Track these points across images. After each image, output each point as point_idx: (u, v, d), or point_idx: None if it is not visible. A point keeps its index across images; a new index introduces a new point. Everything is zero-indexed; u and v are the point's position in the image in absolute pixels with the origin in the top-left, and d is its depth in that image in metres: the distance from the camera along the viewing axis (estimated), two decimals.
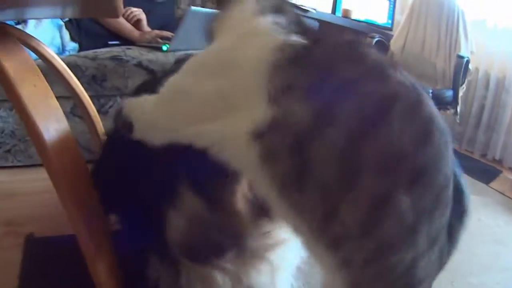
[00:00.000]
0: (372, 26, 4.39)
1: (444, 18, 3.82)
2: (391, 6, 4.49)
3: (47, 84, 0.87)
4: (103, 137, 1.42)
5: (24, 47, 1.06)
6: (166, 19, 3.25)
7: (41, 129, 0.80)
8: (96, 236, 0.89)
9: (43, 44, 1.54)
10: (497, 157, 4.16)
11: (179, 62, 1.08)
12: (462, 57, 3.51)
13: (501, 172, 3.95)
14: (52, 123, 0.83)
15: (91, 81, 2.31)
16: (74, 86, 1.65)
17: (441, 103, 3.52)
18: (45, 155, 0.79)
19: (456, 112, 3.63)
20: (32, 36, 1.51)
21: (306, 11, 3.50)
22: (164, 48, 2.57)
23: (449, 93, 3.54)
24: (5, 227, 1.90)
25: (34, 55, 1.67)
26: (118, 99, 2.37)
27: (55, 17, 2.30)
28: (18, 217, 1.98)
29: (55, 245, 1.74)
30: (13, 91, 0.81)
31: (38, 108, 0.82)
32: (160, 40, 2.82)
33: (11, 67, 0.82)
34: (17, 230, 1.88)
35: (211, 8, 3.37)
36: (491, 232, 2.61)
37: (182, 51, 2.57)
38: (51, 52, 1.56)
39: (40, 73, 0.90)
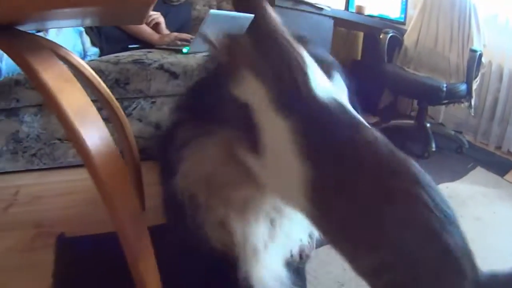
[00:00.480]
0: (385, 21, 4.42)
1: (456, 12, 3.85)
2: (404, 0, 4.51)
3: (85, 92, 0.92)
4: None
5: None
6: (183, 21, 3.29)
7: (84, 137, 0.84)
8: (140, 236, 0.93)
9: (71, 52, 1.58)
10: (511, 149, 4.18)
11: None
12: (475, 51, 3.53)
13: None
14: (93, 130, 0.88)
15: (114, 84, 2.35)
16: (103, 91, 1.69)
17: (455, 97, 3.56)
18: (89, 161, 0.84)
19: (470, 105, 3.65)
20: (60, 46, 1.55)
21: (321, 9, 3.52)
22: (185, 50, 2.61)
23: (463, 87, 3.55)
24: (36, 229, 1.95)
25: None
26: (142, 101, 2.41)
27: (77, 26, 2.35)
28: (47, 219, 2.03)
29: (85, 245, 1.79)
30: (55, 102, 0.85)
31: (80, 117, 0.86)
32: (179, 42, 2.86)
33: (50, 79, 0.87)
34: (47, 231, 1.93)
35: (226, 9, 3.41)
36: (507, 224, 2.62)
37: (202, 52, 2.61)
38: (79, 60, 1.60)
39: (77, 82, 0.94)
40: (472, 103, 3.64)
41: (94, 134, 0.86)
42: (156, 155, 1.60)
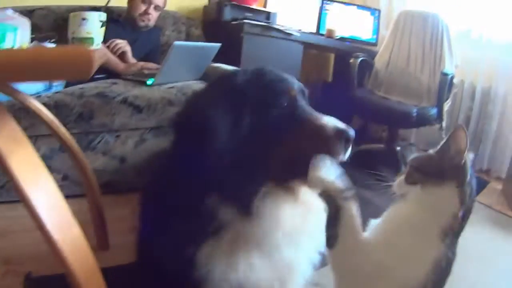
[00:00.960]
0: (357, 43, 4.49)
1: (428, 33, 3.92)
2: (376, 21, 4.60)
3: (35, 153, 0.93)
4: None
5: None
6: (152, 47, 3.30)
7: (34, 202, 0.85)
8: None
9: (30, 97, 1.59)
10: (484, 168, 4.26)
11: None
12: (446, 74, 3.58)
13: (488, 182, 4.04)
14: (44, 195, 0.88)
15: (78, 119, 2.34)
16: (56, 128, 1.70)
17: (426, 121, 3.61)
18: (40, 224, 0.85)
19: (441, 127, 3.70)
20: (20, 91, 1.56)
21: (290, 34, 3.56)
22: (149, 82, 2.60)
23: (434, 110, 3.60)
24: (4, 266, 1.92)
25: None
26: (106, 135, 2.41)
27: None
28: (16, 256, 2.00)
29: (53, 285, 1.78)
30: (4, 165, 0.86)
31: (30, 181, 0.87)
32: (146, 72, 2.85)
33: (0, 141, 0.87)
34: (16, 269, 1.90)
35: (194, 38, 3.43)
36: (474, 250, 2.58)
37: (167, 84, 2.62)
38: (37, 105, 1.61)
39: (28, 142, 0.95)
40: (443, 125, 3.69)
41: (44, 198, 0.87)
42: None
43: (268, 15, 3.77)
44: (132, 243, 1.57)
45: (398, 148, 3.83)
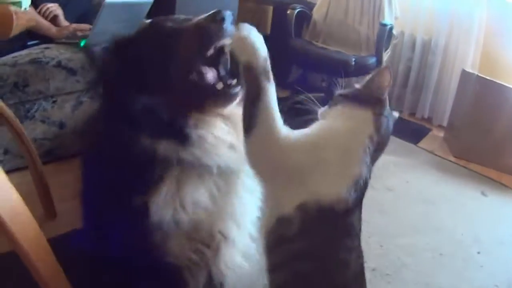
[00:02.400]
0: None
1: None
2: None
3: None
4: None
5: None
6: (85, 9, 3.22)
7: None
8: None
9: None
10: (426, 116, 4.49)
11: None
12: (385, 25, 3.71)
13: (430, 130, 4.28)
14: None
15: (14, 88, 2.33)
16: None
17: (365, 69, 3.70)
18: None
19: None
20: None
21: None
22: (82, 44, 2.60)
23: (373, 59, 3.73)
24: None
25: None
26: (43, 102, 2.41)
27: None
28: None
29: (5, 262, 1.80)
30: None
31: None
32: (79, 34, 2.84)
33: None
34: None
35: None
36: (419, 193, 2.80)
37: (103, 44, 2.59)
38: None
39: None
40: None
41: None
42: None
43: None
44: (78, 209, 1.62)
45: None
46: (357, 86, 1.17)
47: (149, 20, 1.35)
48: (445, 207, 2.70)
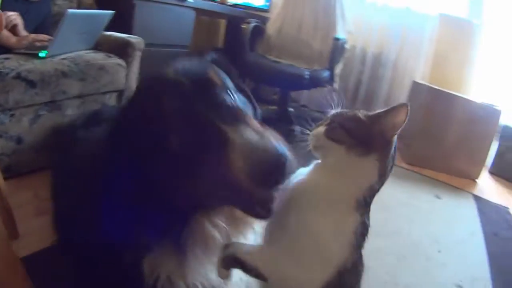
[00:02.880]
0: (249, 9, 4.65)
1: (322, 1, 4.16)
2: None
3: None
4: None
5: None
6: (44, 18, 3.18)
7: None
8: None
9: None
10: None
11: None
12: (338, 39, 3.83)
13: None
14: None
15: None
16: None
17: (318, 83, 3.83)
18: None
19: (333, 89, 3.96)
20: None
21: (183, 0, 3.61)
22: (42, 54, 2.52)
23: (326, 73, 3.82)
24: None
25: None
26: (0, 115, 2.26)
27: None
28: None
29: None
30: None
31: None
32: (38, 44, 2.81)
33: None
34: None
35: (87, 5, 3.39)
36: (376, 200, 2.82)
37: (60, 56, 2.57)
38: None
39: None
40: (335, 86, 3.94)
41: None
42: None
43: None
44: (41, 227, 1.61)
45: (291, 109, 4.03)
46: (360, 114, 1.03)
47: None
48: (402, 212, 2.80)
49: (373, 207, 2.47)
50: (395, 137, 1.02)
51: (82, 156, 1.30)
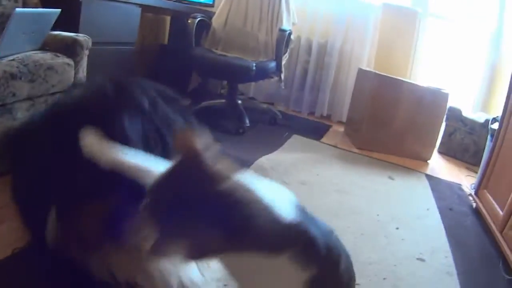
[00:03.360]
0: (194, 5, 4.66)
1: None
2: None
3: None
4: None
5: None
6: None
7: None
8: None
9: None
10: (325, 114, 4.79)
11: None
12: (284, 30, 3.87)
13: (330, 126, 4.57)
14: None
15: None
16: None
17: (265, 74, 3.90)
18: None
19: (280, 79, 4.03)
20: None
21: None
22: None
23: (272, 64, 3.88)
24: None
25: None
26: None
27: None
28: None
29: None
30: None
31: None
32: None
33: None
34: None
35: (34, 8, 3.31)
36: (331, 184, 2.94)
37: (9, 57, 2.46)
38: None
39: None
40: (282, 77, 4.02)
41: None
42: None
43: None
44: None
45: (239, 101, 4.06)
46: None
47: None
48: (358, 193, 2.87)
49: (329, 189, 2.56)
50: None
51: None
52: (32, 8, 3.18)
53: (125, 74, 3.20)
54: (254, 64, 3.63)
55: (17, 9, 2.39)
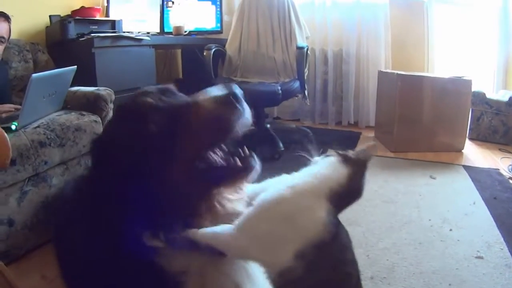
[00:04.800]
0: (203, 34, 4.60)
1: (275, 11, 4.09)
2: (218, 9, 4.69)
3: None
4: None
5: None
6: (1, 85, 2.97)
7: None
8: None
9: None
10: (352, 121, 4.67)
11: None
12: (302, 48, 3.75)
13: (360, 133, 4.43)
14: None
15: None
16: None
17: (292, 94, 3.74)
18: None
19: (304, 96, 3.87)
20: None
21: (140, 39, 3.50)
22: (13, 127, 2.27)
23: (296, 84, 3.73)
24: None
25: None
26: None
27: None
28: None
29: None
30: None
31: None
32: (3, 116, 2.62)
33: None
34: None
35: (45, 66, 3.20)
36: (377, 195, 2.85)
37: (33, 124, 2.36)
38: None
39: None
40: (306, 93, 3.86)
41: None
42: None
43: (113, 24, 3.68)
44: None
45: (268, 125, 3.92)
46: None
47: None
48: (404, 201, 2.78)
49: (377, 202, 2.54)
50: None
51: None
52: (42, 67, 3.09)
53: None
54: (279, 88, 3.51)
55: (34, 75, 2.24)
